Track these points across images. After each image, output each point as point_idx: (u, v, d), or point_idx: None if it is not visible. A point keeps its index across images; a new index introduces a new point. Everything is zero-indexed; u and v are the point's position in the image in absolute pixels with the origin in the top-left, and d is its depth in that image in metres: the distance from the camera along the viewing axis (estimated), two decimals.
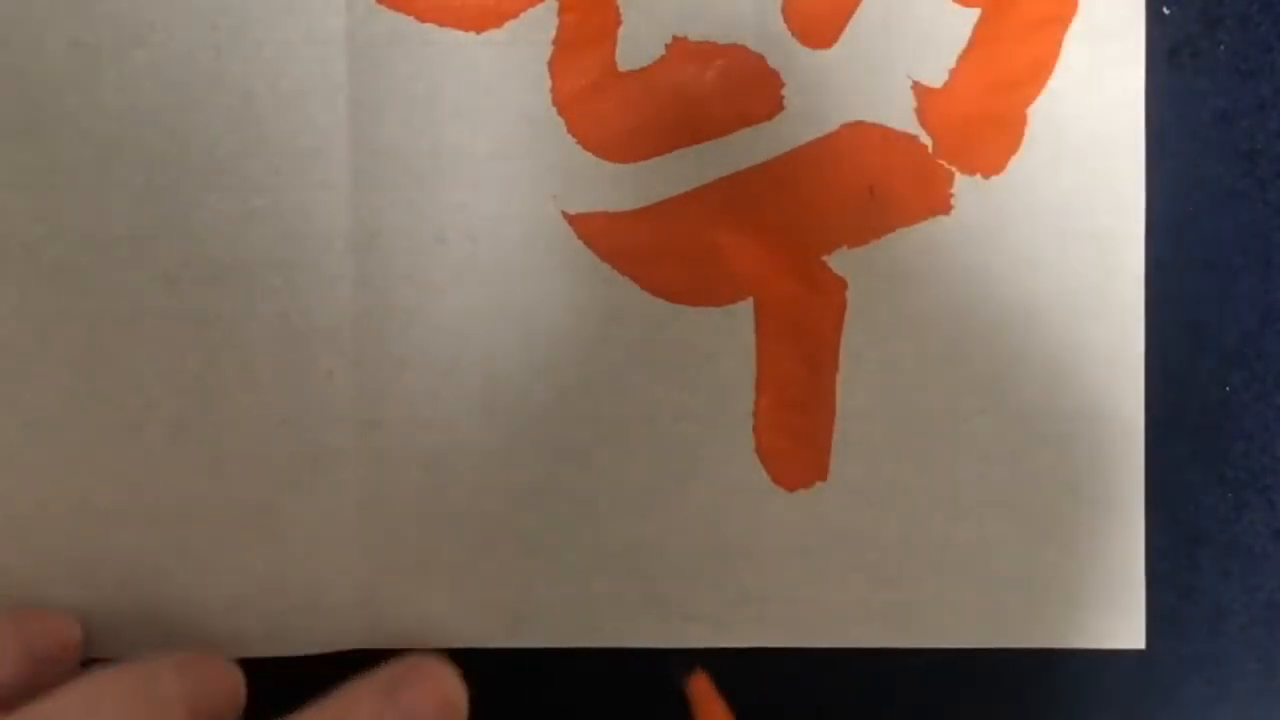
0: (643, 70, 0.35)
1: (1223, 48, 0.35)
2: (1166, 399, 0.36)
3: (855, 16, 0.34)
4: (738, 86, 0.35)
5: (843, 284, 0.35)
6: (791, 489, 0.36)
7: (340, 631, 0.36)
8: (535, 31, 0.34)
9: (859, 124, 0.35)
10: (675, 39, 0.34)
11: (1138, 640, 0.36)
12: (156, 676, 0.33)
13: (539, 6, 0.34)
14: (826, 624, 0.36)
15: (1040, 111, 0.35)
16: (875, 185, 0.35)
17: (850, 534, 0.36)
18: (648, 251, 0.35)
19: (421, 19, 0.35)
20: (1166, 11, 0.35)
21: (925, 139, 0.35)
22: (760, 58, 0.34)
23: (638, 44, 0.35)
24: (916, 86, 0.35)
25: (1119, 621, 0.36)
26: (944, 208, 0.35)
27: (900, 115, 0.35)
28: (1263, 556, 0.36)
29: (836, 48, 0.34)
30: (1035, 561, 0.36)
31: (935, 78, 0.35)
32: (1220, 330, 0.36)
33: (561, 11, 0.34)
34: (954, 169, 0.35)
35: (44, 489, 0.35)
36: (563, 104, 0.35)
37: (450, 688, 0.34)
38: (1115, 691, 0.36)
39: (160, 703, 0.33)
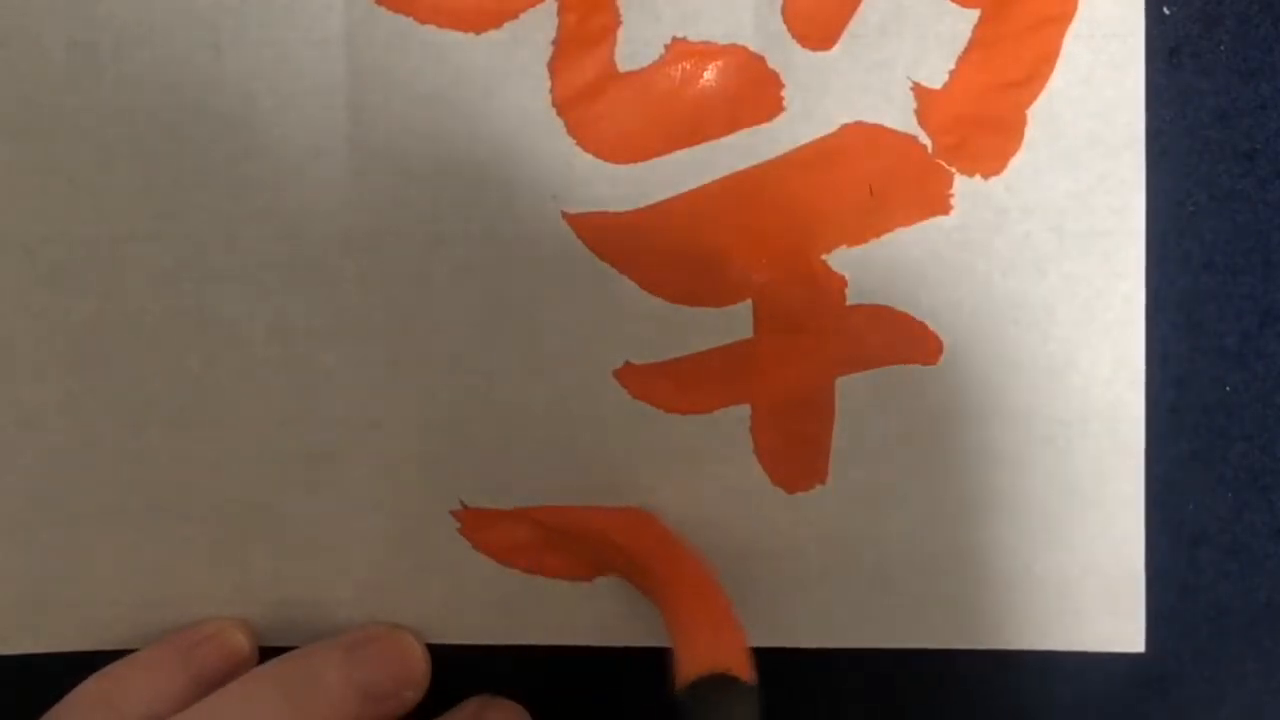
0: (642, 71, 0.35)
1: (1223, 48, 0.35)
2: (1166, 399, 0.36)
3: (855, 17, 0.34)
4: (738, 87, 0.34)
5: (842, 283, 0.35)
6: (791, 491, 0.36)
7: (340, 630, 0.36)
8: (535, 32, 0.34)
9: (859, 125, 0.35)
10: (675, 40, 0.34)
11: (1137, 644, 0.36)
12: (319, 662, 0.34)
13: (538, 7, 0.34)
14: (825, 625, 0.36)
15: (1040, 112, 0.34)
16: (875, 186, 0.35)
17: (850, 536, 0.36)
18: (647, 252, 0.35)
19: (420, 20, 0.35)
20: (1166, 11, 0.35)
21: (925, 139, 0.35)
22: (760, 58, 0.34)
23: (637, 44, 0.35)
24: (916, 87, 0.34)
25: (1119, 625, 0.36)
26: (944, 208, 0.35)
27: (900, 116, 0.35)
28: (1263, 556, 0.36)
29: (836, 49, 0.34)
30: (1035, 563, 0.36)
31: (935, 78, 0.34)
32: (1220, 330, 0.36)
33: (561, 12, 0.34)
34: (954, 169, 0.35)
35: (44, 488, 0.36)
36: (562, 105, 0.35)
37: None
38: (1115, 692, 0.36)
39: (323, 689, 0.33)
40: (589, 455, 0.35)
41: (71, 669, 0.34)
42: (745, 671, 0.31)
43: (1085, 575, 0.36)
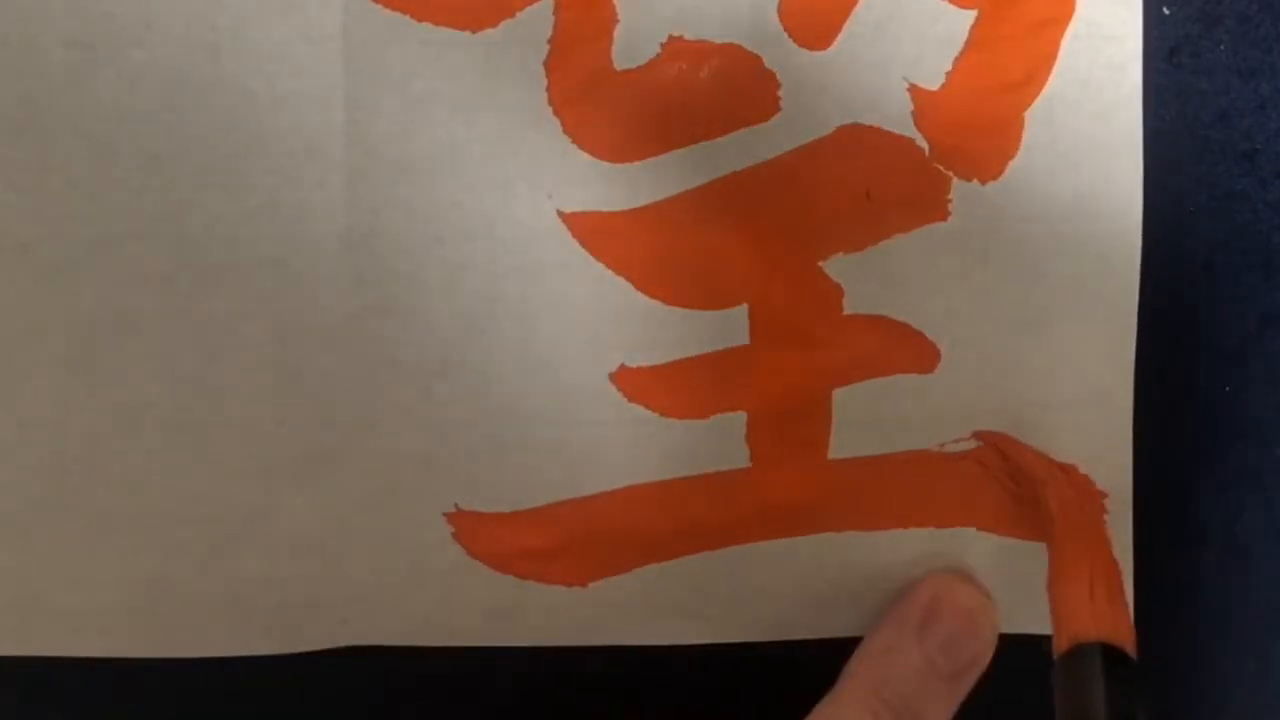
0: (639, 69, 0.34)
1: (1223, 48, 0.35)
2: (1166, 399, 0.36)
3: (852, 17, 0.34)
4: (734, 86, 0.34)
5: (839, 293, 0.35)
6: (787, 495, 0.36)
7: (338, 629, 0.36)
8: (532, 30, 0.34)
9: (856, 126, 0.34)
10: (671, 38, 0.34)
11: None
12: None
13: (535, 5, 0.34)
14: (825, 617, 0.36)
15: (1037, 114, 0.34)
16: (872, 190, 0.34)
17: (846, 539, 0.36)
18: (643, 252, 0.35)
19: (418, 17, 0.34)
20: (1166, 11, 0.34)
21: (922, 142, 0.34)
22: (756, 58, 0.34)
23: (634, 43, 0.34)
24: (913, 88, 0.34)
25: None
26: (941, 214, 0.35)
27: (897, 118, 0.34)
28: (1262, 556, 0.36)
29: (833, 48, 0.34)
30: (1028, 557, 0.36)
31: (932, 80, 0.34)
32: (1220, 330, 0.36)
33: (558, 10, 0.34)
34: (951, 174, 0.34)
35: (41, 489, 0.35)
36: (559, 103, 0.34)
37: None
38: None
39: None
40: (585, 458, 0.35)
41: (68, 672, 0.35)
42: (1130, 644, 0.32)
43: None
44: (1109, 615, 0.32)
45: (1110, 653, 0.32)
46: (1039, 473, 0.35)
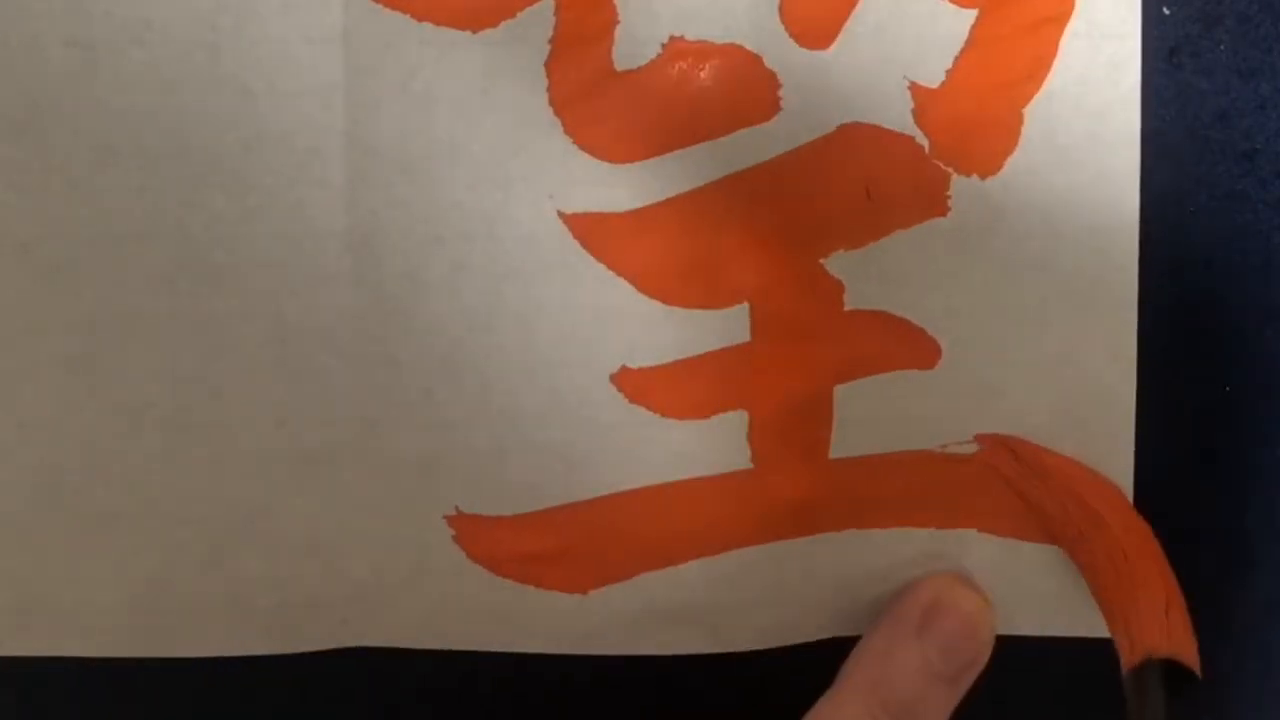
0: (639, 70, 0.34)
1: (1223, 48, 0.35)
2: (1165, 399, 0.36)
3: (852, 16, 0.34)
4: (734, 87, 0.34)
5: (840, 288, 0.35)
6: (789, 495, 0.36)
7: (338, 629, 0.36)
8: (532, 31, 0.34)
9: (856, 125, 0.34)
10: (672, 38, 0.34)
11: None
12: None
13: (536, 6, 0.34)
14: (825, 618, 0.36)
15: (1037, 112, 0.34)
16: (872, 187, 0.35)
17: (847, 538, 0.36)
18: (644, 253, 0.35)
19: (418, 18, 0.34)
20: (1166, 11, 0.35)
21: (922, 140, 0.34)
22: (757, 58, 0.34)
23: (635, 43, 0.34)
24: (914, 87, 0.34)
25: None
26: (941, 209, 0.35)
27: (897, 116, 0.34)
28: (1263, 556, 0.36)
29: (833, 48, 0.34)
30: (1029, 559, 0.36)
31: (932, 78, 0.34)
32: (1220, 330, 0.36)
33: (558, 11, 0.34)
34: (950, 170, 0.34)
35: (41, 489, 0.35)
36: (560, 104, 0.34)
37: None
38: (1113, 689, 0.36)
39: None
40: (586, 459, 0.35)
41: (67, 672, 0.35)
42: (1196, 663, 0.34)
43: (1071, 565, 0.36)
44: (1180, 634, 0.34)
45: (1174, 668, 0.33)
46: (1068, 476, 0.35)
